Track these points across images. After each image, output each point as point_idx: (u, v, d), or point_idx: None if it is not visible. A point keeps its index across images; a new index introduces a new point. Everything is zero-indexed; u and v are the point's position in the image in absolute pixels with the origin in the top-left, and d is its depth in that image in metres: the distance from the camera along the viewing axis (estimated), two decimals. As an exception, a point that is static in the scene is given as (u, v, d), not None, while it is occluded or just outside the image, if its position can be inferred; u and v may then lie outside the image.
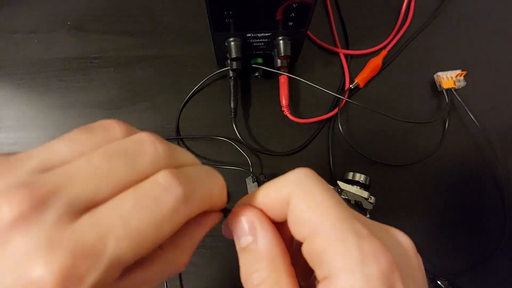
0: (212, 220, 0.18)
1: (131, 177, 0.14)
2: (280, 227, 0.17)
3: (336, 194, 0.16)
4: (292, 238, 0.17)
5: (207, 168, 0.17)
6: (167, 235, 0.14)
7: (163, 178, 0.14)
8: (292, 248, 0.18)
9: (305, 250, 0.15)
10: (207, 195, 0.16)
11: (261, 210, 0.17)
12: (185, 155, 0.16)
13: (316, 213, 0.15)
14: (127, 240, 0.12)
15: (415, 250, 0.16)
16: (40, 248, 0.11)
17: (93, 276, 0.12)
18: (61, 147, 0.14)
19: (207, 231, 0.17)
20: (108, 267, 0.12)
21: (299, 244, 0.16)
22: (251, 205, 0.17)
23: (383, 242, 0.14)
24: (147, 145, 0.14)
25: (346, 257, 0.13)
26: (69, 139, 0.14)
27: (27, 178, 0.12)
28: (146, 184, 0.14)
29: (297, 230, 0.16)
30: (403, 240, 0.16)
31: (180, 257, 0.16)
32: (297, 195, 0.15)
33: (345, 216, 0.14)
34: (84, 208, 0.13)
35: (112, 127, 0.15)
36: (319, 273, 0.15)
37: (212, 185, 0.17)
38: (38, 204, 0.12)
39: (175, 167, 0.15)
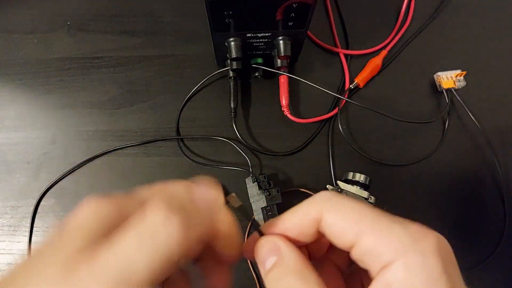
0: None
1: None
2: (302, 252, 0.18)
3: (363, 200, 0.16)
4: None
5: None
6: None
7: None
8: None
9: (355, 256, 0.16)
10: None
11: (283, 235, 0.18)
12: None
13: (354, 219, 0.16)
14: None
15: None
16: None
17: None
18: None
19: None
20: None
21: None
22: (270, 232, 0.18)
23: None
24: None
25: (398, 242, 0.15)
26: None
27: None
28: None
29: (340, 240, 0.16)
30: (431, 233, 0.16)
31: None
32: (330, 209, 0.17)
33: (381, 213, 0.16)
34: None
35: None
36: (374, 268, 0.15)
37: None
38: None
39: None
